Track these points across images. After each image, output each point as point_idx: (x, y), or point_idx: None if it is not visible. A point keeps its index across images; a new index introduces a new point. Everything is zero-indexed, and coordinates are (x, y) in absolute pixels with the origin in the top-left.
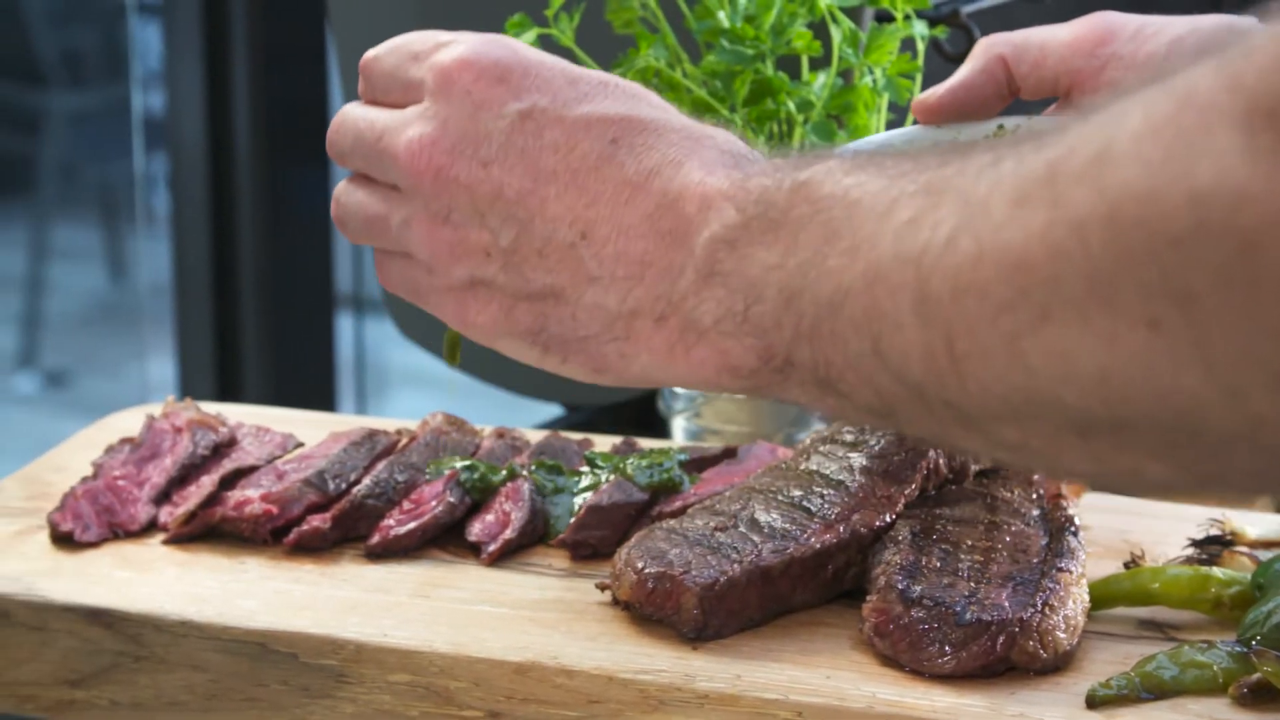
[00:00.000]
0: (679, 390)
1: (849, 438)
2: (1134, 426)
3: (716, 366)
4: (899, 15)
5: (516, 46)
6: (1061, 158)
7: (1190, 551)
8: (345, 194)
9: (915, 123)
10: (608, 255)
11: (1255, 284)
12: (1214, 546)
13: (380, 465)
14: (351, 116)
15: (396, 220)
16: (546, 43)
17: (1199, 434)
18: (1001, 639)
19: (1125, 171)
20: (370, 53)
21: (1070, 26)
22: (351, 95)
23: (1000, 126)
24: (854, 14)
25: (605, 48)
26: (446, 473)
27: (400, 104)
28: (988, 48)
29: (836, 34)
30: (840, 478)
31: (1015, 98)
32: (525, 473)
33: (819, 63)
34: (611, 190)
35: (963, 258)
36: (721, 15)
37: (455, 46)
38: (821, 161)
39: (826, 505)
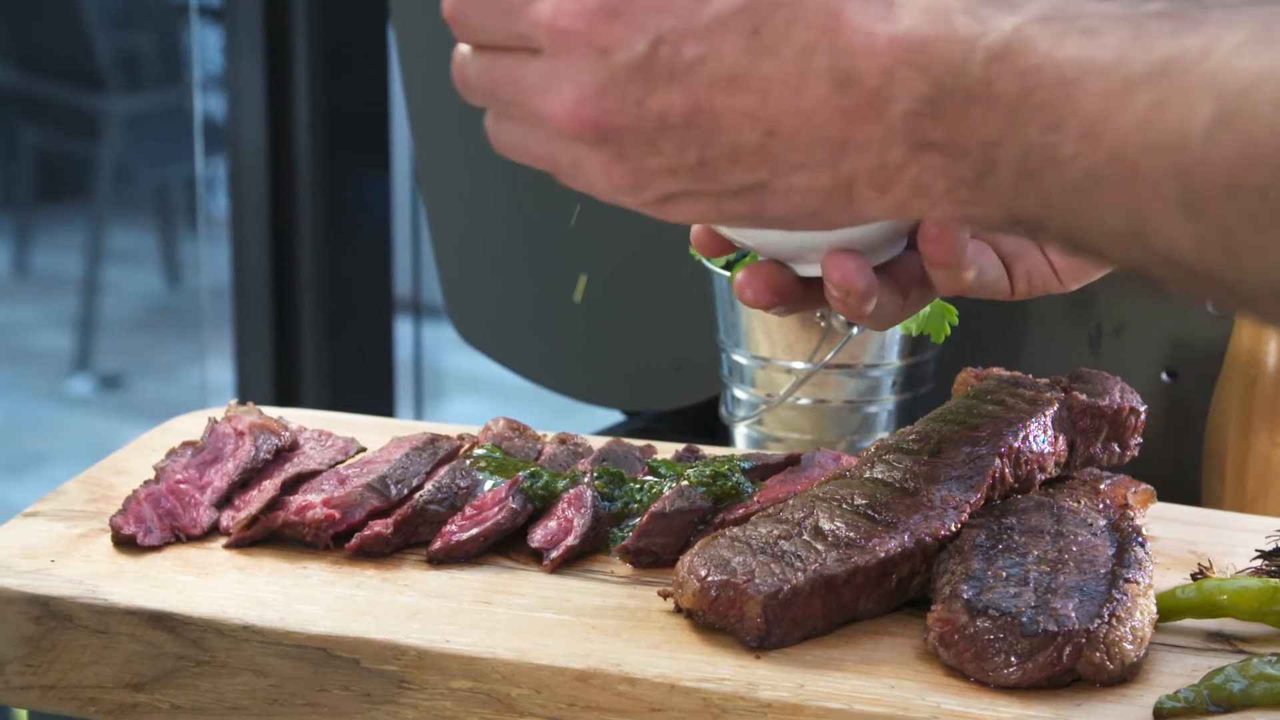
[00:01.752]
0: (741, 398)
1: (913, 446)
2: None
3: (962, 220)
4: None
5: None
6: None
7: (1259, 563)
8: (499, 128)
9: None
10: (803, 143)
11: None
12: None
13: (442, 470)
14: (473, 67)
15: (567, 164)
16: None
17: None
18: (1068, 650)
19: None
20: (448, 5)
21: None
22: (415, 98)
23: None
24: None
25: None
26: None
27: (513, 48)
28: None
29: None
30: (905, 486)
31: None
32: (587, 479)
33: None
34: (778, 84)
35: (1233, 157)
36: None
37: None
38: (1012, 15)
39: (891, 514)
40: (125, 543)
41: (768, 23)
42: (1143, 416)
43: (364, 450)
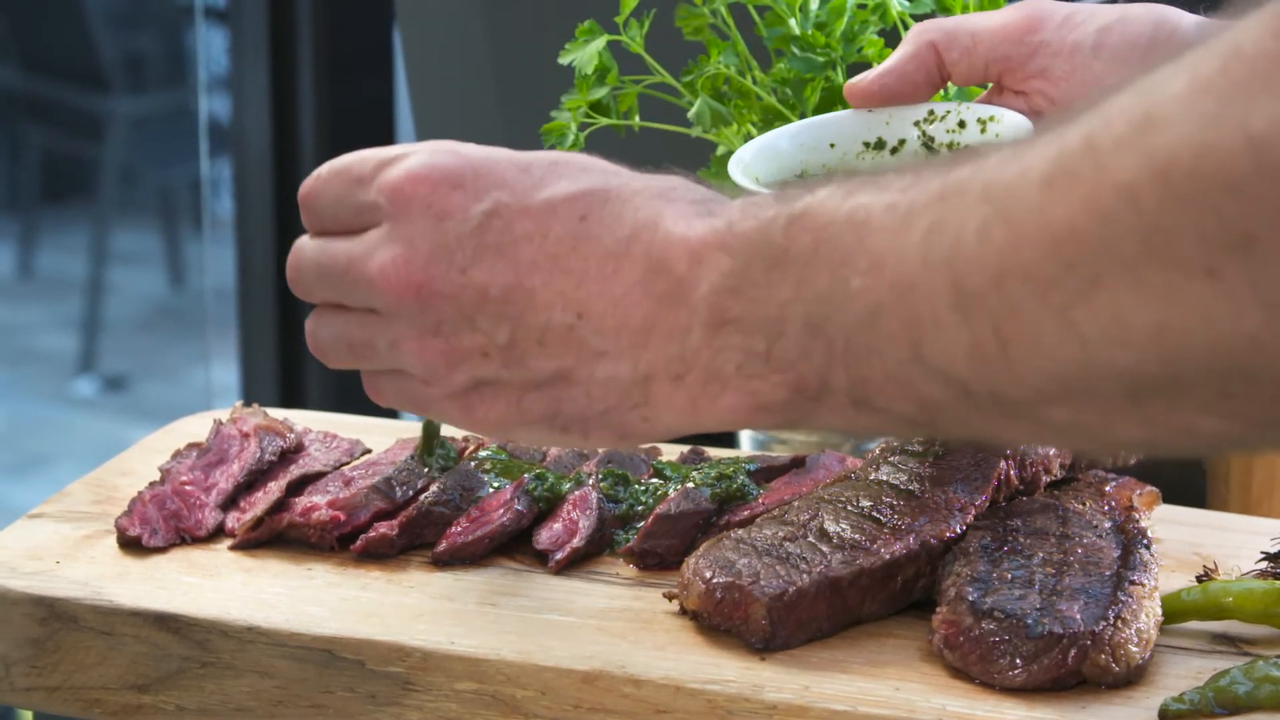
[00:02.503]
0: None
1: (919, 448)
2: (1189, 382)
3: (748, 409)
4: None
5: (459, 149)
6: (1098, 130)
7: (1264, 565)
8: (320, 324)
9: (845, 107)
10: (609, 328)
11: None
12: None
13: (448, 472)
14: (309, 251)
15: (383, 343)
16: (616, 49)
17: (1256, 380)
18: (1073, 652)
19: (1176, 129)
20: (307, 184)
21: (1001, 14)
22: (420, 99)
23: (931, 112)
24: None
25: (675, 55)
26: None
27: (353, 229)
28: (919, 34)
29: None
30: (910, 488)
31: (946, 83)
32: (592, 481)
33: None
34: (595, 266)
35: (999, 246)
36: (792, 22)
37: (401, 163)
38: (810, 192)
39: (896, 516)
40: (130, 544)
41: (596, 211)
42: None
43: (369, 452)
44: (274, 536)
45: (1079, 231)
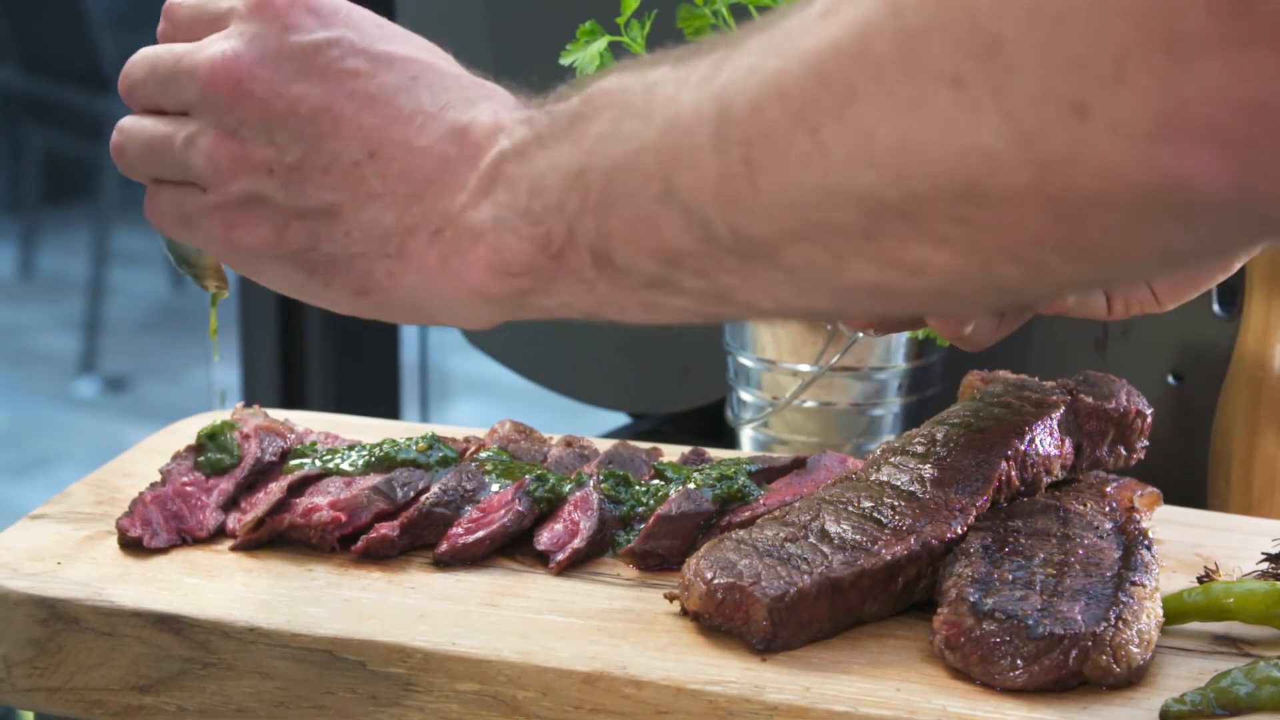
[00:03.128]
0: (747, 400)
1: (920, 449)
2: (924, 204)
3: (486, 268)
4: None
5: None
6: None
7: (1265, 566)
8: (130, 124)
9: None
10: (392, 173)
11: (1062, 19)
12: None
13: (448, 473)
14: (149, 50)
15: (181, 137)
16: (617, 50)
17: (986, 201)
18: (1074, 653)
19: None
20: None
21: None
22: None
23: None
24: None
25: None
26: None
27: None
28: None
29: None
30: (911, 489)
31: None
32: (594, 482)
33: None
34: (406, 115)
35: (766, 75)
36: None
37: None
38: (619, 71)
39: (897, 517)
40: (131, 545)
41: (426, 77)
42: (1149, 419)
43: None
44: (275, 537)
45: (840, 47)
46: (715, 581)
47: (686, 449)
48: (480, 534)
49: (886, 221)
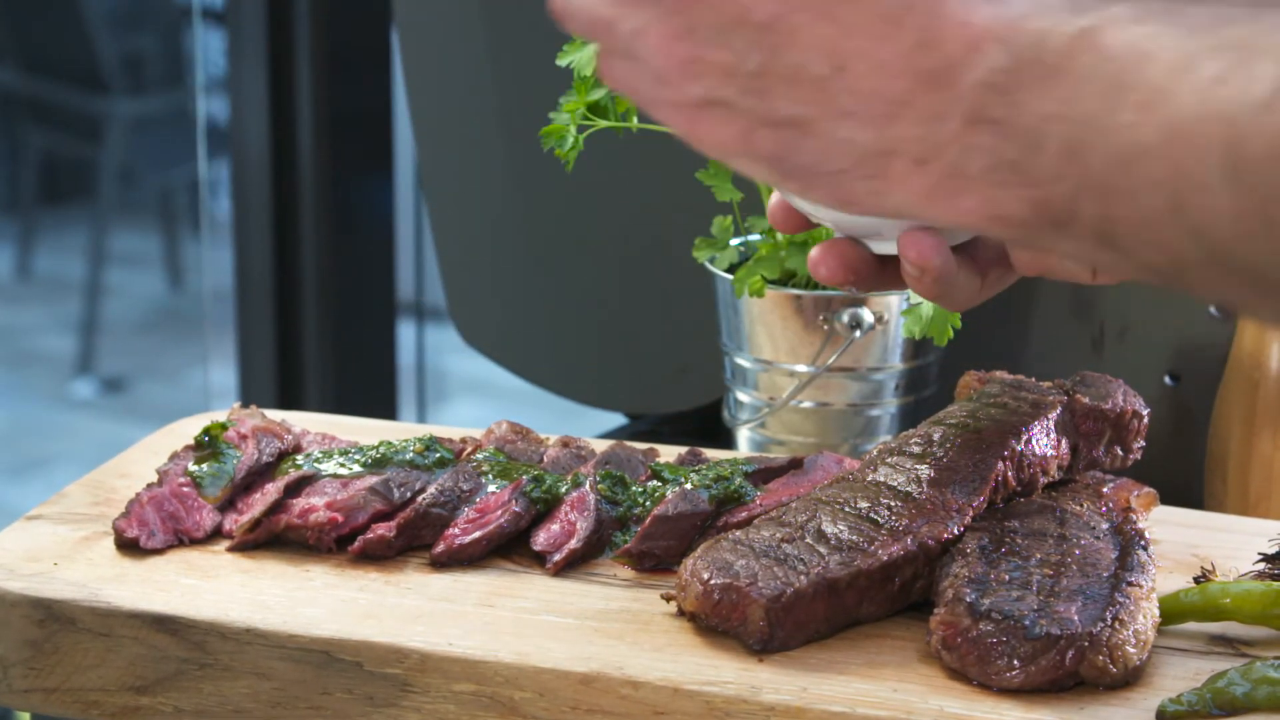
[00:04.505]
0: (744, 401)
1: (916, 449)
2: None
3: (983, 214)
4: None
5: None
6: None
7: (1261, 566)
8: None
9: None
10: (864, 91)
11: None
12: None
13: (445, 474)
14: None
15: (626, 28)
16: None
17: None
18: (1071, 653)
19: None
20: None
21: None
22: (418, 100)
23: None
24: None
25: None
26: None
27: None
28: None
29: None
30: (908, 489)
31: None
32: (590, 482)
33: None
34: (866, 23)
35: None
36: None
37: None
38: (1105, 8)
39: (894, 517)
40: (128, 546)
41: None
42: (1145, 420)
43: None
44: (272, 538)
45: None
46: (712, 582)
47: (683, 449)
48: (477, 534)
49: None
